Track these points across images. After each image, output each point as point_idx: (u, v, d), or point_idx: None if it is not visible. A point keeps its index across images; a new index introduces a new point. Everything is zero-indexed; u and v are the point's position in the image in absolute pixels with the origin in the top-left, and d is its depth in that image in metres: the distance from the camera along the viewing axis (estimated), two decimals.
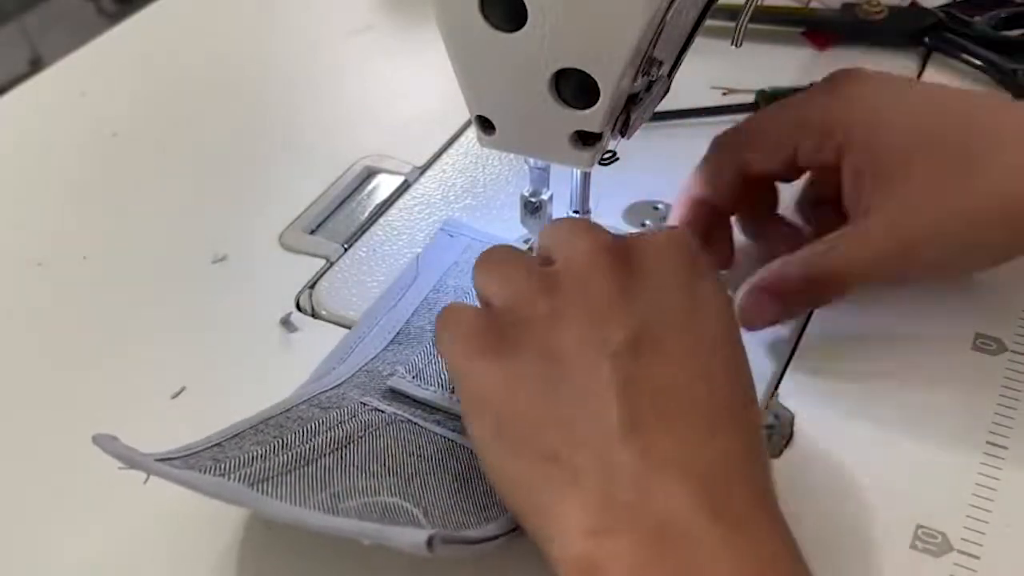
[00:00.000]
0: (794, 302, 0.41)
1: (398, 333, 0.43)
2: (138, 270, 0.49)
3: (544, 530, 0.30)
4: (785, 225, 0.46)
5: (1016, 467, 0.36)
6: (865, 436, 0.38)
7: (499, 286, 0.35)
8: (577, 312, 0.32)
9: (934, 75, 0.58)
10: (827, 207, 0.43)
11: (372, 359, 0.41)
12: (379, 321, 0.44)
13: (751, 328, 0.41)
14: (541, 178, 0.44)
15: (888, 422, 0.38)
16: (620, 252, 0.34)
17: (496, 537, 0.32)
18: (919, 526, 0.35)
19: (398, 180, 0.54)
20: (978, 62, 0.57)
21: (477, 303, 0.43)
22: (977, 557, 0.34)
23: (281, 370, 0.42)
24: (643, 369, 0.31)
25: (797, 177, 0.44)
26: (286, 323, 0.45)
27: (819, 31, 0.61)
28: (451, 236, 0.48)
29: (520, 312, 0.33)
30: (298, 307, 0.46)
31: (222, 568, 0.35)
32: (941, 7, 0.60)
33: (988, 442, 0.37)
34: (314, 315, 0.46)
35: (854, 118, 0.40)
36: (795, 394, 0.40)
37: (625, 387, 0.30)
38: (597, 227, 0.36)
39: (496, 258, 0.37)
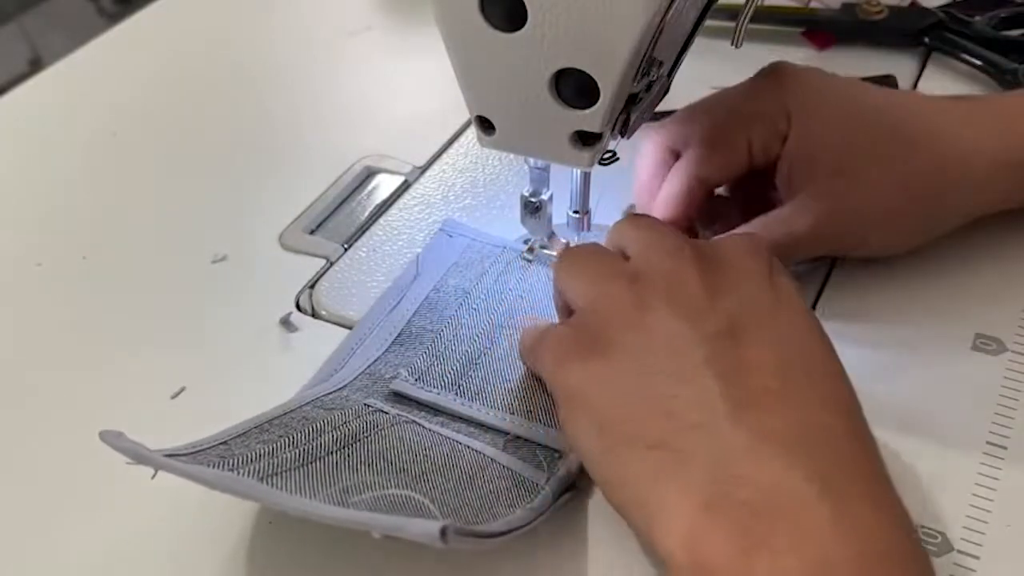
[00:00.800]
0: None
1: (399, 334, 0.43)
2: (138, 270, 0.49)
3: (651, 518, 0.30)
4: (722, 204, 0.47)
5: (1016, 467, 0.36)
6: None
7: (586, 287, 0.36)
8: (667, 308, 0.33)
9: (934, 75, 0.58)
10: (748, 188, 0.46)
11: (374, 362, 0.41)
12: (379, 323, 0.44)
13: None
14: (541, 178, 0.44)
15: (888, 422, 0.38)
16: (703, 252, 0.35)
17: (506, 532, 0.32)
18: (919, 526, 0.35)
19: (398, 180, 0.54)
20: (978, 62, 0.57)
21: (474, 305, 0.43)
22: (977, 557, 0.34)
23: (281, 370, 0.42)
24: (739, 353, 0.32)
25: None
26: (286, 323, 0.45)
27: (819, 31, 0.61)
28: (450, 236, 0.48)
29: (609, 312, 0.34)
30: (298, 307, 0.46)
31: (226, 567, 0.35)
32: (941, 7, 0.60)
33: (988, 442, 0.37)
34: (314, 315, 0.46)
35: (800, 105, 0.42)
36: None
37: (724, 369, 0.31)
38: (672, 229, 0.37)
39: (580, 258, 0.38)
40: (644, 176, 0.46)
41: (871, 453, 0.31)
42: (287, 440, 0.35)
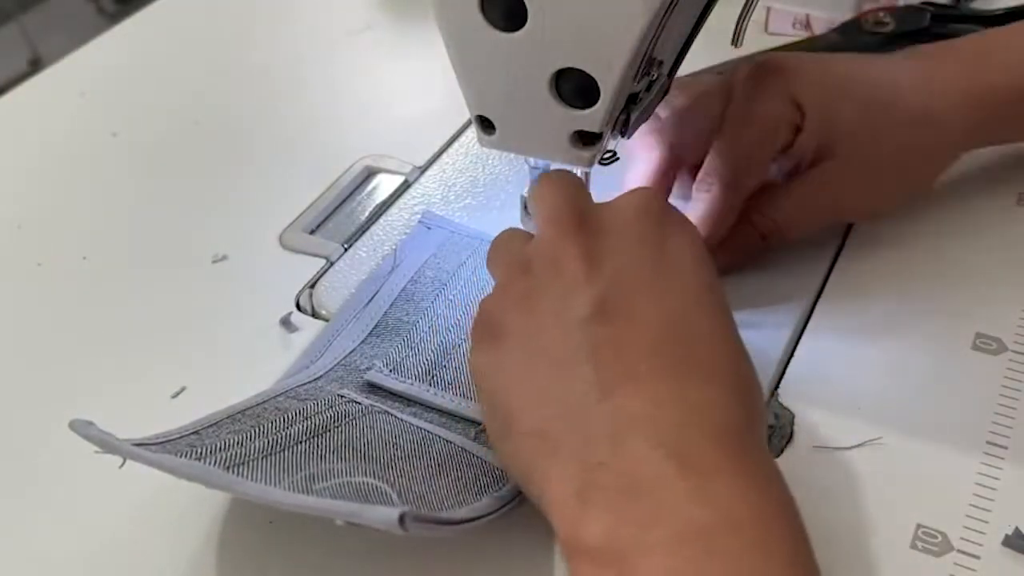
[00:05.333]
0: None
1: (376, 325, 0.43)
2: (138, 270, 0.49)
3: (541, 503, 0.31)
4: None
5: (1016, 467, 0.36)
6: (865, 435, 0.38)
7: (496, 275, 0.37)
8: (547, 287, 0.33)
9: None
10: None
11: (350, 353, 0.42)
12: (356, 314, 0.44)
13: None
14: None
15: (888, 422, 0.38)
16: (587, 219, 0.34)
17: (470, 520, 0.32)
18: (919, 526, 0.35)
19: (398, 180, 0.54)
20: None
21: (451, 296, 0.45)
22: (977, 557, 0.34)
23: (281, 370, 0.42)
24: (612, 333, 0.31)
25: None
26: (286, 323, 0.45)
27: None
28: (429, 228, 0.48)
29: (503, 302, 0.35)
30: (298, 307, 0.46)
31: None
32: (923, 2, 0.60)
33: (988, 442, 0.37)
34: (314, 315, 0.46)
35: (811, 100, 0.42)
36: (795, 394, 0.40)
37: (594, 353, 0.31)
38: (569, 189, 0.36)
39: (495, 248, 0.38)
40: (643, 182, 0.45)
41: (746, 421, 0.31)
42: (257, 430, 0.35)
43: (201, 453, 0.33)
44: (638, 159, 0.45)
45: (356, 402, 0.38)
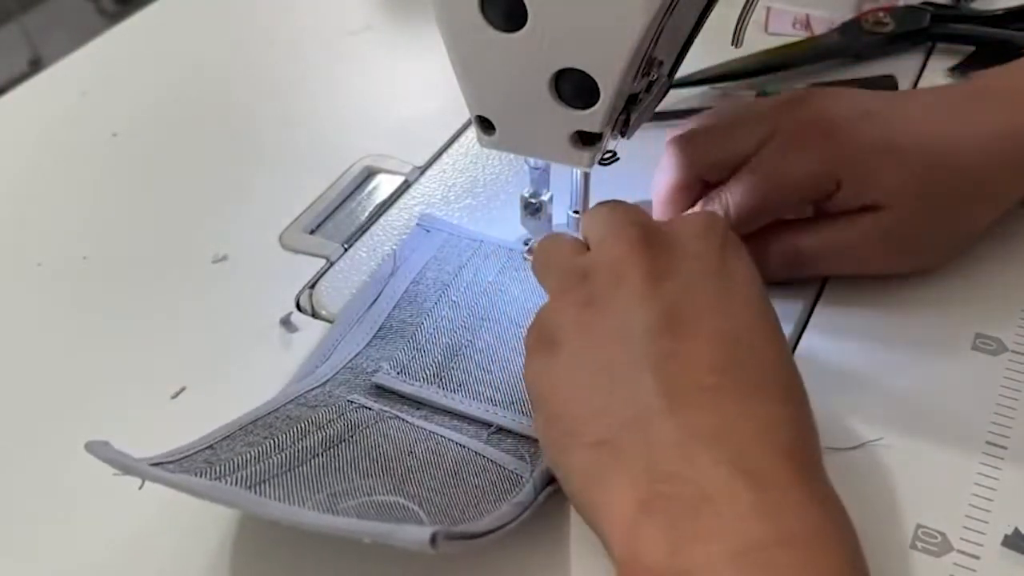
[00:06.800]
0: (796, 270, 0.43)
1: (380, 328, 0.43)
2: (138, 270, 0.49)
3: (595, 512, 0.31)
4: None
5: (1016, 467, 0.36)
6: (865, 435, 0.38)
7: (548, 284, 0.37)
8: (610, 298, 0.33)
9: (937, 64, 0.57)
10: None
11: (355, 356, 0.42)
12: (359, 317, 0.44)
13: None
14: (541, 178, 0.44)
15: (888, 422, 0.38)
16: (652, 241, 0.34)
17: (495, 530, 0.32)
18: (919, 526, 0.35)
19: (398, 180, 0.54)
20: (972, 47, 0.57)
21: (453, 297, 0.44)
22: (977, 557, 0.34)
23: (281, 370, 0.42)
24: (678, 347, 0.32)
25: None
26: (286, 323, 0.45)
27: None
28: (427, 231, 0.48)
29: (561, 311, 0.35)
30: (298, 307, 0.46)
31: (216, 571, 0.35)
32: (923, 2, 0.60)
33: (988, 442, 0.37)
34: (314, 315, 0.46)
35: (852, 171, 0.40)
36: None
37: (659, 365, 0.31)
38: (632, 211, 0.36)
39: (545, 254, 0.38)
40: (664, 195, 0.44)
41: (805, 440, 0.31)
42: (272, 443, 0.35)
43: (220, 472, 0.33)
44: (665, 168, 0.44)
45: (367, 408, 0.38)
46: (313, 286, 0.47)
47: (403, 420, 0.38)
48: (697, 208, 0.43)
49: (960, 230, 0.43)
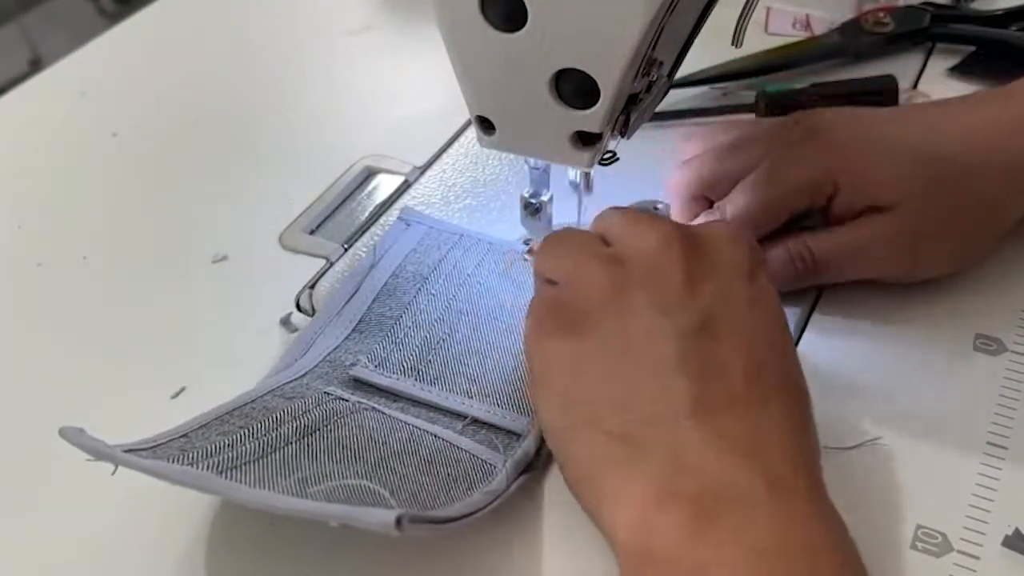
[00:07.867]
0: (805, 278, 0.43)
1: (359, 321, 0.43)
2: (138, 270, 0.49)
3: (601, 501, 0.32)
4: None
5: (1016, 467, 0.36)
6: (865, 435, 0.38)
7: (566, 262, 0.36)
8: (647, 299, 0.33)
9: (937, 64, 0.58)
10: None
11: (334, 349, 0.42)
12: (338, 311, 0.44)
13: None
14: (541, 179, 0.44)
15: (888, 422, 0.38)
16: (688, 242, 0.35)
17: (464, 517, 0.32)
18: (919, 526, 0.35)
19: (398, 180, 0.54)
20: (972, 47, 0.57)
21: (432, 290, 0.44)
22: (977, 557, 0.34)
23: None
24: (707, 351, 0.32)
25: None
26: (286, 323, 0.45)
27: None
28: (408, 225, 0.48)
29: (591, 296, 0.34)
30: (298, 307, 0.46)
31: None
32: (923, 2, 0.60)
33: (988, 442, 0.37)
34: (314, 315, 0.46)
35: (847, 173, 0.41)
36: None
37: (693, 368, 0.32)
38: (660, 217, 0.37)
39: (565, 242, 0.38)
40: (674, 215, 0.46)
41: (815, 451, 0.32)
42: (247, 432, 0.35)
43: (193, 458, 0.33)
44: (672, 192, 0.45)
45: (343, 399, 0.39)
46: (313, 286, 0.47)
47: (379, 411, 0.38)
48: (701, 220, 0.44)
49: (972, 231, 0.43)
